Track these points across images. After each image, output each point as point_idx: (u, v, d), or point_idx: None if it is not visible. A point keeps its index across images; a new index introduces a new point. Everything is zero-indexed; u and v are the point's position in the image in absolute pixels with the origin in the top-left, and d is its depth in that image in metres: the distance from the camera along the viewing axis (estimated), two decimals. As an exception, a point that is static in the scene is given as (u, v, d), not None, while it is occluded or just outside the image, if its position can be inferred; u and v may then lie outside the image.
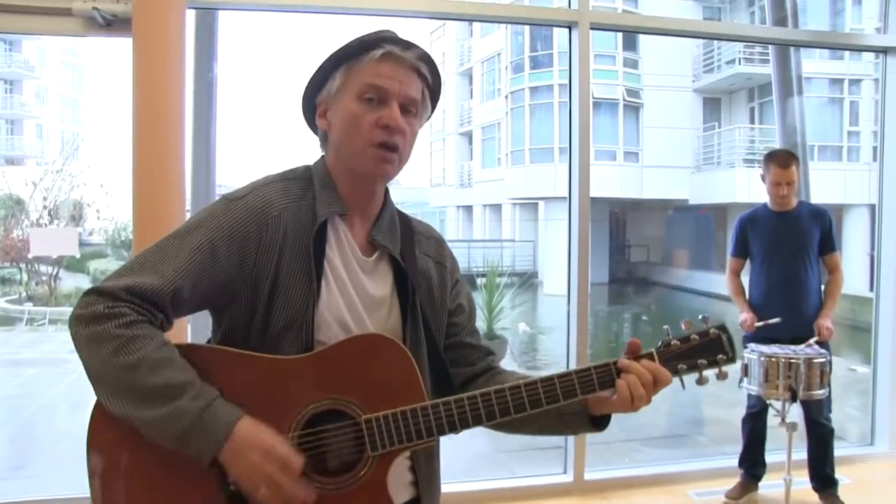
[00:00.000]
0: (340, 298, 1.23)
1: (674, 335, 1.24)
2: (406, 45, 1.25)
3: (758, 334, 3.36)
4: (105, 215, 13.34)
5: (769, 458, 3.57)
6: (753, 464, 3.57)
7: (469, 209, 25.47)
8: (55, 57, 23.26)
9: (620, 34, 16.89)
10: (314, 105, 1.30)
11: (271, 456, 1.09)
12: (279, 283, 1.19)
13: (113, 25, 3.01)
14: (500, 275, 10.03)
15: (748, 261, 3.62)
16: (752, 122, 18.89)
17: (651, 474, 3.87)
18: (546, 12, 5.70)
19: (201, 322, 1.28)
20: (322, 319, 1.21)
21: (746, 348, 3.10)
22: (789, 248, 3.46)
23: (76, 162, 13.40)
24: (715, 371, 1.24)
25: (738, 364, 2.98)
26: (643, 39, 18.46)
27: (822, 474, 3.42)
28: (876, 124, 4.77)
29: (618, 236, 21.62)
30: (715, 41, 17.15)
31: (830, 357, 3.03)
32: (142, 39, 2.90)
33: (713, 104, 19.90)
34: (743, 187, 16.21)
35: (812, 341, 3.16)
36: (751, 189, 14.88)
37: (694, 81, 19.49)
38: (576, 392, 1.19)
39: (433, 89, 1.31)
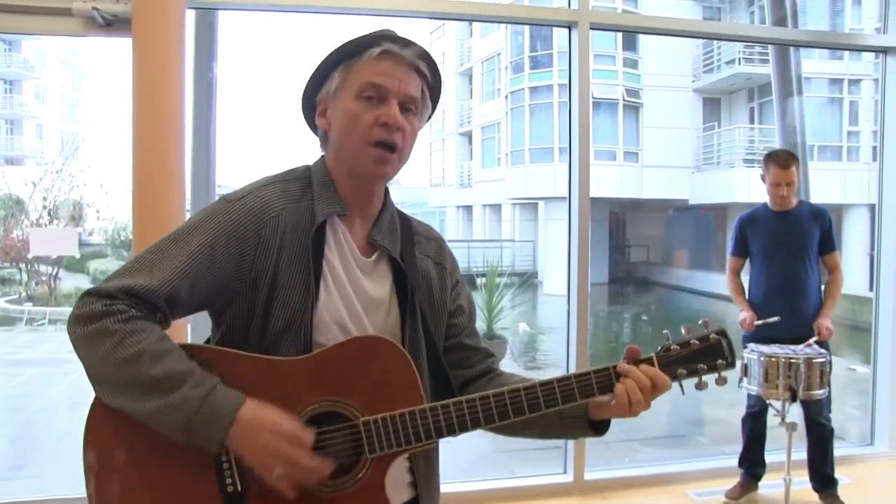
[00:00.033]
0: (339, 299, 1.23)
1: (674, 340, 1.24)
2: (405, 43, 1.24)
3: (757, 334, 3.36)
4: (105, 215, 13.37)
5: (769, 458, 3.57)
6: (753, 464, 3.57)
7: (469, 209, 25.47)
8: (55, 57, 23.26)
9: (620, 34, 16.91)
10: (314, 104, 1.29)
11: (280, 434, 1.09)
12: (278, 284, 1.18)
13: (113, 25, 3.01)
14: (500, 275, 10.01)
15: (748, 260, 3.63)
16: (752, 122, 18.89)
17: (651, 474, 3.87)
18: (546, 12, 5.70)
19: (201, 322, 1.27)
20: (321, 320, 1.20)
21: (746, 348, 3.11)
22: (789, 248, 3.46)
23: (76, 162, 13.42)
24: (714, 376, 1.23)
25: (738, 364, 2.98)
26: (643, 39, 18.46)
27: (822, 474, 3.42)
28: (875, 124, 4.77)
29: (618, 236, 21.62)
30: (715, 41, 17.16)
31: (830, 357, 3.03)
32: (142, 39, 2.90)
33: (713, 104, 19.90)
34: (743, 187, 16.22)
35: (812, 341, 3.17)
36: (750, 189, 14.88)
37: (694, 81, 19.49)
38: (575, 396, 1.19)
39: (433, 88, 1.30)
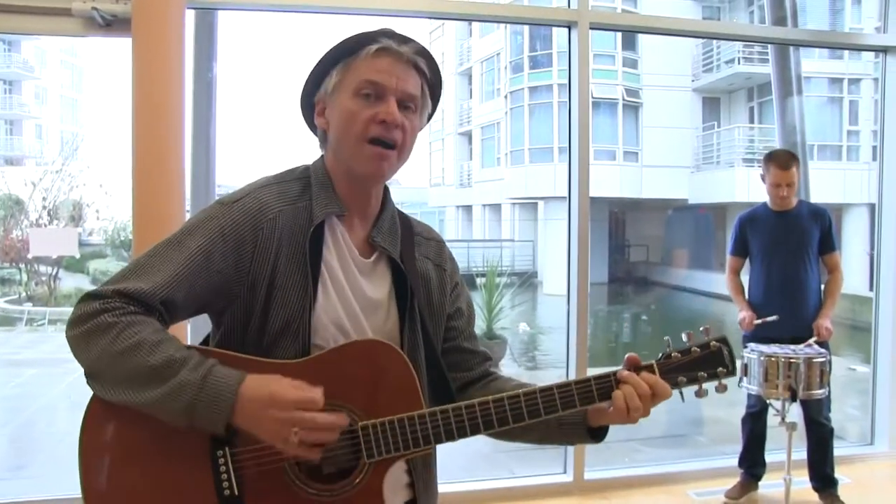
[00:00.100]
0: (337, 301, 1.22)
1: (674, 347, 1.23)
2: (403, 40, 1.23)
3: (757, 333, 3.36)
4: (104, 215, 13.36)
5: (769, 458, 3.57)
6: (753, 463, 3.57)
7: (468, 209, 25.46)
8: (54, 57, 23.25)
9: (620, 34, 16.90)
10: (313, 104, 1.28)
11: (287, 402, 1.06)
12: (276, 285, 1.17)
13: (112, 25, 3.01)
14: (500, 275, 10.02)
15: (748, 260, 3.63)
16: (752, 122, 18.89)
17: (651, 474, 3.87)
18: (545, 12, 5.70)
19: (201, 322, 1.27)
20: (319, 322, 1.19)
21: (746, 348, 3.11)
22: (789, 248, 3.46)
23: (75, 162, 13.41)
24: (715, 384, 1.23)
25: (738, 364, 2.99)
26: (642, 39, 18.46)
27: (822, 474, 3.42)
28: (875, 124, 4.77)
29: (617, 236, 21.62)
30: (714, 41, 17.16)
31: (830, 357, 3.03)
32: (141, 39, 2.90)
33: (712, 104, 19.90)
34: (742, 187, 16.22)
35: (811, 341, 3.17)
36: (750, 188, 14.88)
37: (693, 81, 19.49)
38: (575, 403, 1.18)
39: (433, 86, 1.29)
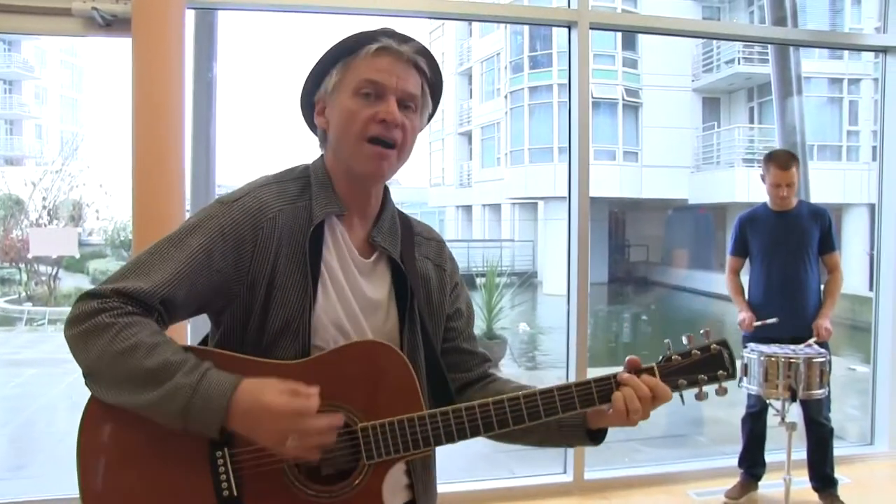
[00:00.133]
0: (337, 301, 1.21)
1: (675, 350, 1.23)
2: (403, 39, 1.22)
3: (757, 333, 3.36)
4: (104, 215, 13.37)
5: (769, 458, 3.57)
6: (753, 463, 3.57)
7: (468, 209, 25.46)
8: (54, 57, 23.27)
9: (620, 34, 16.92)
10: (312, 103, 1.28)
11: (281, 409, 1.06)
12: (275, 285, 1.17)
13: (112, 25, 3.01)
14: (500, 275, 10.02)
15: (748, 260, 3.63)
16: (752, 122, 18.90)
17: (651, 474, 3.87)
18: (545, 12, 5.70)
19: (201, 323, 1.27)
20: (319, 323, 1.19)
21: (746, 348, 3.11)
22: (789, 248, 3.46)
23: (75, 162, 13.43)
24: (715, 387, 1.23)
25: (738, 364, 2.99)
26: (642, 39, 18.47)
27: (822, 474, 3.42)
28: (875, 124, 4.78)
29: (617, 236, 21.63)
30: (714, 41, 17.17)
31: (830, 357, 3.03)
32: (141, 39, 2.90)
33: (712, 104, 19.91)
34: (742, 187, 16.22)
35: (811, 341, 3.17)
36: (750, 188, 14.89)
37: (693, 81, 19.50)
38: (575, 405, 1.18)
39: (433, 85, 1.28)
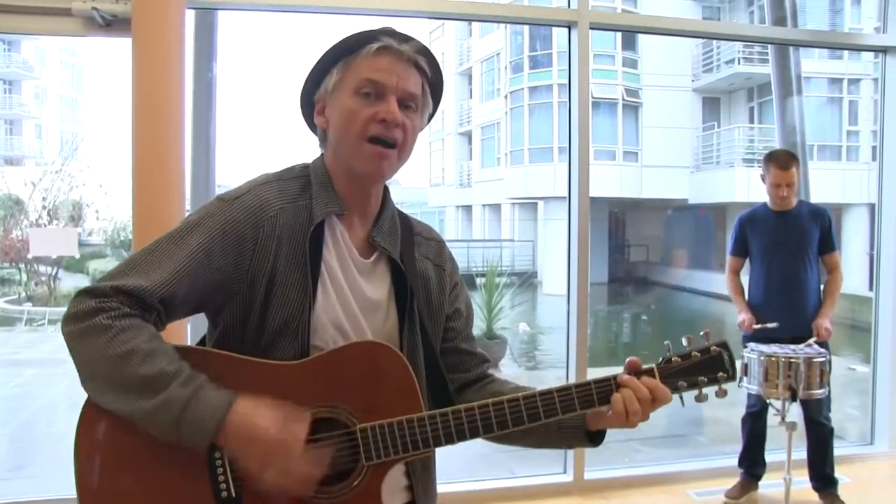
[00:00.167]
0: (337, 302, 1.20)
1: (675, 351, 1.23)
2: (403, 39, 1.21)
3: (757, 333, 3.37)
4: (104, 215, 13.37)
5: (769, 458, 3.57)
6: (753, 463, 3.57)
7: (468, 209, 25.46)
8: (54, 57, 23.27)
9: (619, 34, 16.92)
10: (312, 103, 1.27)
11: (270, 441, 1.06)
12: (275, 283, 1.16)
13: (112, 25, 3.01)
14: (500, 275, 10.03)
15: (748, 260, 3.63)
16: (752, 122, 18.90)
17: (651, 474, 3.87)
18: (545, 12, 5.70)
19: (201, 323, 1.27)
20: (318, 323, 1.18)
21: (746, 347, 3.11)
22: (789, 248, 3.46)
23: (75, 162, 13.42)
24: (715, 388, 1.23)
25: (738, 364, 2.99)
26: (642, 39, 18.47)
27: (822, 474, 3.42)
28: (875, 124, 4.78)
29: (617, 236, 21.63)
30: (714, 41, 17.16)
31: (830, 357, 3.03)
32: (141, 39, 2.90)
33: (712, 104, 19.91)
34: (742, 187, 16.22)
35: (811, 341, 3.17)
36: (750, 188, 14.89)
37: (693, 81, 19.50)
38: (574, 406, 1.18)
39: (434, 85, 1.27)
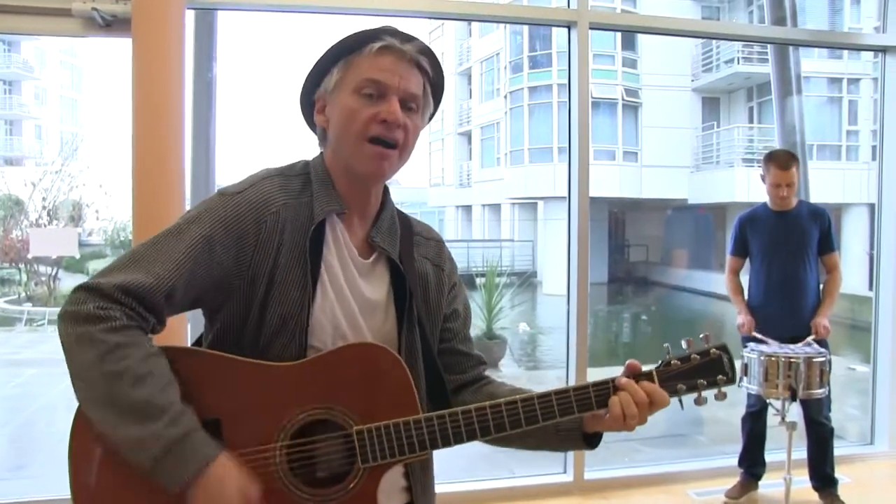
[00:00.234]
0: (336, 301, 1.20)
1: (674, 354, 1.23)
2: (406, 38, 1.20)
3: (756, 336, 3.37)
4: (104, 215, 13.38)
5: (769, 458, 3.57)
6: (753, 463, 3.57)
7: (468, 209, 25.46)
8: (54, 57, 23.30)
9: (619, 34, 16.93)
10: (312, 101, 1.26)
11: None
12: (275, 281, 1.15)
13: (112, 26, 3.01)
14: (500, 275, 10.02)
15: (748, 260, 3.63)
16: (751, 122, 18.91)
17: (651, 474, 3.87)
18: (545, 12, 5.71)
19: (201, 322, 1.26)
20: (316, 323, 1.17)
21: (746, 347, 3.11)
22: (789, 248, 3.46)
23: (75, 162, 13.44)
24: (714, 391, 1.22)
25: (738, 364, 3.00)
26: (642, 39, 18.47)
27: (822, 473, 3.42)
28: (875, 123, 4.78)
29: (617, 236, 21.63)
30: (713, 41, 17.17)
31: (830, 356, 3.03)
32: (141, 40, 2.90)
33: (712, 104, 19.92)
34: (742, 187, 16.23)
35: (810, 339, 3.18)
36: (750, 188, 14.90)
37: (693, 81, 19.50)
38: (572, 409, 1.17)
39: (435, 85, 1.26)
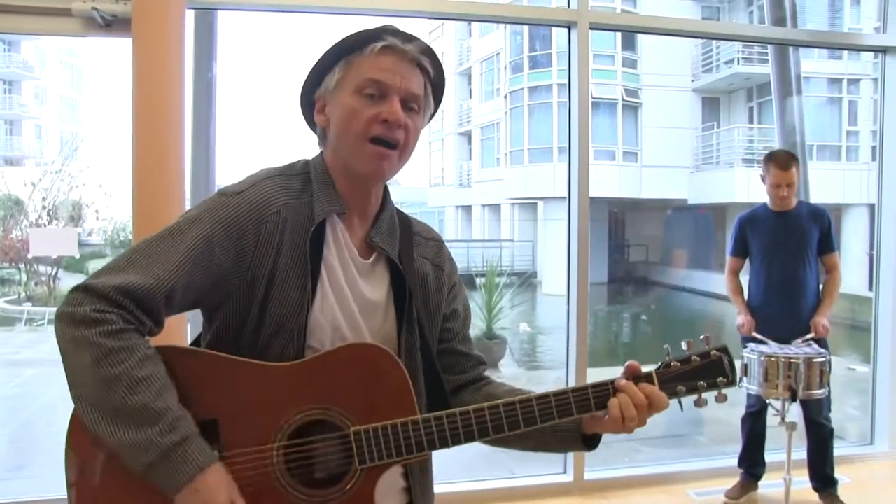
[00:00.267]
0: (335, 302, 1.19)
1: (674, 356, 1.22)
2: (407, 38, 1.20)
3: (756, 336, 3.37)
4: (104, 215, 13.37)
5: (769, 458, 3.57)
6: (753, 463, 3.57)
7: (468, 209, 25.47)
8: (54, 57, 23.30)
9: (619, 34, 16.94)
10: (313, 101, 1.26)
11: None
12: (275, 281, 1.14)
13: (112, 26, 3.01)
14: (500, 275, 10.03)
15: (748, 260, 3.63)
16: (751, 122, 18.91)
17: (651, 474, 3.87)
18: (545, 12, 5.71)
19: (200, 322, 1.26)
20: (316, 323, 1.17)
21: (746, 348, 3.11)
22: (788, 248, 3.46)
23: (75, 162, 13.43)
24: (714, 393, 1.22)
25: (738, 364, 3.00)
26: (642, 39, 18.47)
27: (822, 474, 3.42)
28: (875, 124, 4.78)
29: (617, 236, 21.64)
30: (714, 41, 17.18)
31: (830, 357, 3.03)
32: (141, 40, 2.90)
33: (712, 104, 19.92)
34: (742, 187, 16.23)
35: (809, 338, 3.18)
36: (750, 189, 14.90)
37: (693, 81, 19.51)
38: (571, 411, 1.17)
39: (436, 85, 1.26)
